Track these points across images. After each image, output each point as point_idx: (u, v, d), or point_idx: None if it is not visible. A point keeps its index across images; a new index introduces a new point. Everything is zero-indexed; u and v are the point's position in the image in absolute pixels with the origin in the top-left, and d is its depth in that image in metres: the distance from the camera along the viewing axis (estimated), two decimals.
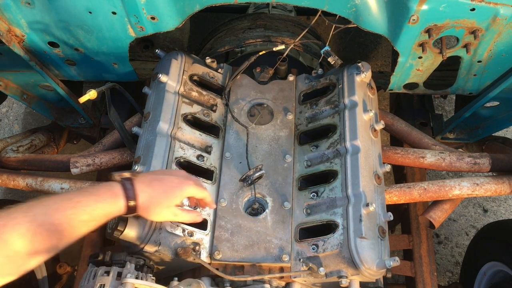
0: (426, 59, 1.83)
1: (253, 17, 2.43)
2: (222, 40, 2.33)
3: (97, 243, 2.15)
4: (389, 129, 2.17)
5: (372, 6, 1.66)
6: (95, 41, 1.89)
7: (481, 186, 1.90)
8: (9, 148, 2.22)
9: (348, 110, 1.82)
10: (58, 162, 2.12)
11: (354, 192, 1.63)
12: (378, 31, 1.73)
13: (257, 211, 1.73)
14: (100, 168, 2.04)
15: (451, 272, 3.10)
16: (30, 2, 1.70)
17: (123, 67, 2.08)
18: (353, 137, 1.74)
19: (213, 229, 1.66)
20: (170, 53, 1.97)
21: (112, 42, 1.88)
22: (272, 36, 2.20)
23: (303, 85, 2.01)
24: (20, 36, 1.85)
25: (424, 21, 1.60)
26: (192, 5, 1.74)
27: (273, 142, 1.86)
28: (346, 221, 1.59)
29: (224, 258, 1.61)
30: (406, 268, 2.11)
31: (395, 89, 2.08)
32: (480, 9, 1.55)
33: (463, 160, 1.96)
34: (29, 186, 2.05)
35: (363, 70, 1.87)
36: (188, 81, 1.91)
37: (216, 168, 1.79)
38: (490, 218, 3.28)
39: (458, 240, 3.21)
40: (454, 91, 2.08)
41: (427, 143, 2.09)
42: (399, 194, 1.91)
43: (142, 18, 1.73)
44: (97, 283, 1.37)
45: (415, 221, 2.18)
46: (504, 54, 1.77)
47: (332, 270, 1.56)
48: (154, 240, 1.55)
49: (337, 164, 1.73)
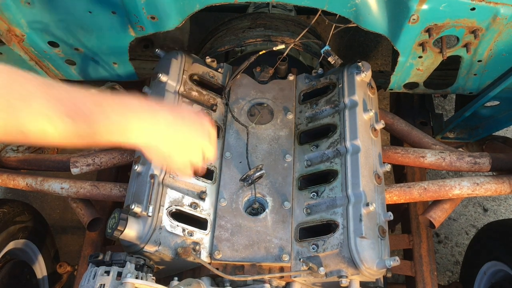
0: (426, 59, 1.83)
1: (253, 16, 2.43)
2: (222, 40, 2.33)
3: (97, 242, 2.15)
4: (389, 129, 2.17)
5: (372, 6, 1.66)
6: (95, 41, 1.89)
7: (481, 185, 1.90)
8: (9, 148, 2.22)
9: (348, 110, 1.82)
10: (58, 162, 2.12)
11: (354, 191, 1.63)
12: (378, 30, 1.73)
13: (257, 210, 1.73)
14: (100, 167, 2.04)
15: (451, 272, 3.10)
16: (30, 1, 1.70)
17: (123, 67, 2.08)
18: (353, 137, 1.74)
19: (213, 228, 1.66)
20: (170, 52, 1.97)
21: (112, 41, 1.88)
22: (272, 36, 2.20)
23: (303, 85, 2.01)
24: (20, 35, 1.85)
25: (424, 21, 1.60)
26: (192, 5, 1.74)
27: (273, 142, 1.86)
28: (346, 220, 1.59)
29: (224, 258, 1.61)
30: (406, 268, 2.11)
31: (395, 88, 2.08)
32: (480, 9, 1.55)
33: (463, 159, 1.95)
34: (29, 186, 2.05)
35: (363, 70, 1.87)
36: (188, 81, 1.91)
37: (216, 168, 1.79)
38: (490, 218, 3.29)
39: (458, 240, 3.21)
40: (454, 90, 2.08)
41: (427, 143, 2.08)
42: (399, 193, 1.91)
43: (142, 17, 1.73)
44: (97, 283, 1.37)
45: (415, 221, 2.18)
46: (504, 54, 1.77)
47: (332, 270, 1.56)
48: (154, 240, 1.55)
49: (337, 164, 1.73)
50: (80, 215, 2.06)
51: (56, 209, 3.31)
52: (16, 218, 2.27)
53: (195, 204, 1.68)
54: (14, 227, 2.23)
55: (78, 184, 2.02)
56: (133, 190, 1.67)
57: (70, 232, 3.21)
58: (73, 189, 2.01)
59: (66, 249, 3.05)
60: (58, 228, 3.15)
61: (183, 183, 1.70)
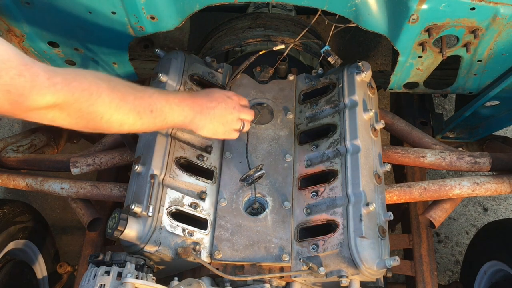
0: (426, 59, 1.83)
1: (253, 16, 2.43)
2: (222, 40, 2.33)
3: (97, 243, 2.15)
4: (389, 129, 2.17)
5: (372, 6, 1.66)
6: (95, 41, 1.89)
7: (481, 185, 1.90)
8: (9, 148, 2.22)
9: (348, 110, 1.82)
10: (58, 162, 2.12)
11: (354, 191, 1.63)
12: (378, 30, 1.73)
13: (257, 210, 1.73)
14: (100, 168, 2.04)
15: (451, 271, 3.10)
16: (30, 1, 1.70)
17: (123, 67, 2.08)
18: (353, 137, 1.74)
19: (213, 228, 1.66)
20: (170, 52, 1.97)
21: (112, 42, 1.88)
22: (272, 36, 2.20)
23: (303, 85, 2.01)
24: (20, 36, 1.85)
25: (424, 21, 1.60)
26: (192, 5, 1.74)
27: (273, 142, 1.86)
28: (346, 220, 1.59)
29: (224, 258, 1.61)
30: (406, 268, 2.11)
31: (395, 88, 2.08)
32: (480, 8, 1.55)
33: (463, 159, 1.95)
34: (29, 186, 2.05)
35: (363, 70, 1.87)
36: (188, 81, 1.91)
37: (216, 168, 1.79)
38: (490, 217, 3.29)
39: (458, 239, 3.22)
40: (454, 90, 2.08)
41: (427, 143, 2.08)
42: (399, 193, 1.91)
43: (141, 17, 1.73)
44: (97, 283, 1.37)
45: (415, 221, 2.17)
46: (504, 53, 1.77)
47: (332, 270, 1.56)
48: (154, 240, 1.55)
49: (337, 164, 1.73)
50: (80, 215, 2.06)
51: (56, 209, 3.31)
52: (16, 218, 2.27)
53: (195, 204, 1.68)
54: (14, 227, 2.23)
55: (78, 184, 2.02)
56: (133, 190, 1.67)
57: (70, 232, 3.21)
58: (73, 189, 2.01)
59: (66, 249, 3.05)
60: (58, 228, 3.15)
61: (183, 183, 1.70)
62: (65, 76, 1.19)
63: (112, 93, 1.31)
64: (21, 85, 1.09)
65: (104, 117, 1.31)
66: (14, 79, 1.08)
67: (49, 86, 1.15)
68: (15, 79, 1.08)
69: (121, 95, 1.34)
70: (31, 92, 1.12)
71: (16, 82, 1.08)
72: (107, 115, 1.31)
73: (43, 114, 1.21)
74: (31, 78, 1.11)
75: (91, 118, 1.29)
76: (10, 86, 1.08)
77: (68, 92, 1.19)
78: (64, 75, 1.19)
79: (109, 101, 1.29)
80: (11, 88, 1.08)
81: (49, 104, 1.17)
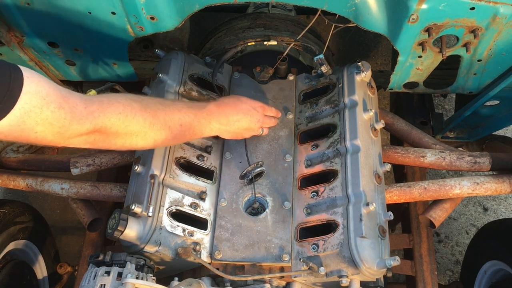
0: (426, 58, 1.83)
1: (252, 16, 2.43)
2: (222, 40, 2.33)
3: (98, 243, 2.15)
4: (389, 128, 2.17)
5: (372, 5, 1.66)
6: (95, 41, 1.89)
7: (482, 185, 1.90)
8: (9, 148, 2.22)
9: (348, 110, 1.82)
10: (58, 162, 2.12)
11: (354, 191, 1.63)
12: (378, 30, 1.73)
13: (257, 210, 1.73)
14: (100, 168, 2.04)
15: (452, 271, 3.10)
16: (30, 2, 1.70)
17: (123, 67, 2.08)
18: (353, 137, 1.74)
19: (213, 228, 1.66)
20: (170, 53, 1.97)
21: (112, 42, 1.88)
22: (272, 36, 2.20)
23: (303, 85, 2.01)
24: (20, 36, 1.85)
25: (423, 20, 1.60)
26: (191, 5, 1.74)
27: (273, 142, 1.86)
28: (346, 220, 1.59)
29: (225, 258, 1.61)
30: (407, 267, 2.11)
31: (395, 88, 2.08)
32: (480, 8, 1.55)
33: (463, 159, 1.95)
34: (29, 186, 2.05)
35: (363, 69, 1.87)
36: (188, 81, 1.91)
37: (216, 168, 1.79)
38: (490, 217, 3.29)
39: (459, 239, 3.22)
40: (454, 90, 2.08)
41: (427, 142, 2.08)
42: (399, 193, 1.91)
43: (141, 18, 1.73)
44: (97, 283, 1.37)
45: (415, 220, 2.18)
46: (504, 53, 1.77)
47: (332, 270, 1.56)
48: (155, 240, 1.55)
49: (337, 164, 1.73)
50: (80, 215, 2.06)
51: (56, 210, 3.31)
52: (16, 218, 2.27)
53: (195, 204, 1.68)
54: (14, 228, 2.23)
55: (78, 184, 2.02)
56: (133, 191, 1.67)
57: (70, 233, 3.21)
58: (73, 189, 2.01)
59: (66, 250, 3.05)
60: (58, 229, 3.15)
61: (183, 183, 1.70)
62: (101, 103, 1.28)
63: (145, 112, 1.39)
64: (62, 117, 1.18)
65: (139, 135, 1.40)
66: (54, 112, 1.16)
67: (87, 114, 1.23)
68: (56, 112, 1.16)
69: (153, 113, 1.42)
70: (71, 123, 1.20)
71: (57, 115, 1.16)
72: (142, 133, 1.40)
73: (84, 140, 1.29)
74: (70, 110, 1.19)
75: (128, 138, 1.38)
76: (52, 119, 1.16)
77: (105, 118, 1.28)
78: (100, 102, 1.28)
79: (143, 120, 1.38)
80: (53, 121, 1.16)
81: (89, 131, 1.26)
